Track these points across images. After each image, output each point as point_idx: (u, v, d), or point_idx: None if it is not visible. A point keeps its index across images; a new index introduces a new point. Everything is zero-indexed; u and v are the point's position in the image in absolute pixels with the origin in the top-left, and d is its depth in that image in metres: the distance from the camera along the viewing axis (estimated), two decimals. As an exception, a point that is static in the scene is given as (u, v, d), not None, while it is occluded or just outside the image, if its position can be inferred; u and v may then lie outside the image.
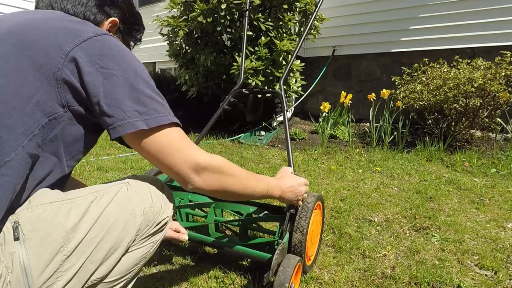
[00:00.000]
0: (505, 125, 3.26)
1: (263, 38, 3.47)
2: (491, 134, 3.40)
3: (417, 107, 3.27)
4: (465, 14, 3.77)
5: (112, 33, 0.89)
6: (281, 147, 3.43)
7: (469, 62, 3.17)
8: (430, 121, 3.36)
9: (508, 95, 2.90)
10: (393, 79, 3.70)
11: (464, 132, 3.29)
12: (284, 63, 3.46)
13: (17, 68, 0.65)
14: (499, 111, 3.13)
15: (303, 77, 3.94)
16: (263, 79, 3.41)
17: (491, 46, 3.66)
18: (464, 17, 3.78)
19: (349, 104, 3.67)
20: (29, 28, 0.69)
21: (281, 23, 3.55)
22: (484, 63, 3.07)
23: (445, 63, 3.35)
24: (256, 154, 3.12)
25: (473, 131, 3.38)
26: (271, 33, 3.50)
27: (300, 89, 3.92)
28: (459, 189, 2.22)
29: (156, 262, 1.32)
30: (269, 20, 3.45)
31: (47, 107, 0.66)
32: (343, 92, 3.66)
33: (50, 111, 0.67)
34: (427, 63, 3.46)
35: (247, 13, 1.93)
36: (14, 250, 0.60)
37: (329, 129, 3.70)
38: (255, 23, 3.38)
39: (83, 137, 0.74)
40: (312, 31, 3.93)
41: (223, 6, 3.27)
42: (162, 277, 1.23)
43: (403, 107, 3.38)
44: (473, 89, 2.85)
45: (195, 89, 3.92)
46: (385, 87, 3.56)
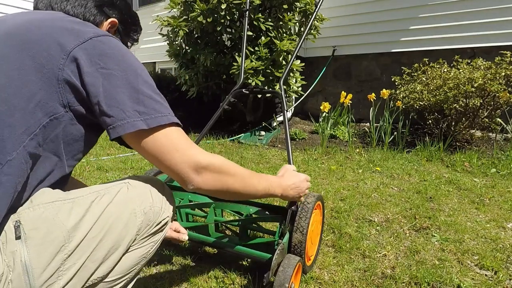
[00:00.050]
0: (505, 125, 3.25)
1: (263, 38, 3.47)
2: (491, 134, 3.40)
3: (417, 107, 3.27)
4: (465, 14, 3.77)
5: (111, 34, 0.89)
6: (281, 147, 3.43)
7: (469, 62, 3.17)
8: (430, 121, 3.36)
9: (508, 95, 2.90)
10: (393, 79, 3.70)
11: (464, 132, 3.29)
12: (284, 63, 3.46)
13: (19, 68, 0.65)
14: (499, 111, 3.13)
15: (303, 77, 3.94)
16: (263, 79, 3.41)
17: (491, 46, 3.66)
18: (464, 17, 3.78)
19: (349, 104, 3.67)
20: (31, 28, 0.70)
21: (281, 23, 3.55)
22: (484, 63, 3.07)
23: (445, 63, 3.35)
24: (256, 154, 3.12)
25: (473, 131, 3.38)
26: (271, 33, 3.50)
27: (300, 89, 3.92)
28: (459, 189, 2.23)
29: (156, 262, 1.32)
30: (269, 20, 3.45)
31: (48, 106, 0.66)
32: (343, 92, 3.66)
33: (51, 111, 0.67)
34: (427, 63, 3.46)
35: (247, 13, 1.93)
36: (15, 249, 0.60)
37: (329, 129, 3.70)
38: (255, 23, 3.38)
39: (83, 137, 0.74)
40: (312, 31, 3.93)
41: (223, 6, 3.27)
42: (162, 277, 1.23)
43: (403, 107, 3.38)
44: (473, 89, 2.86)
45: (195, 89, 3.92)
46: (385, 87, 3.56)
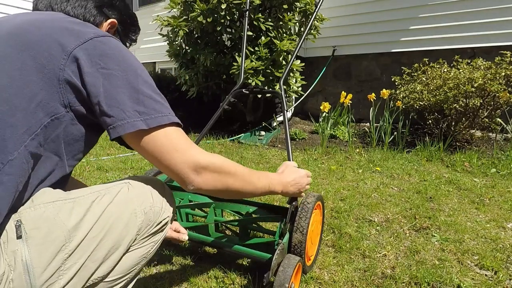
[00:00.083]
0: (505, 125, 3.26)
1: (263, 38, 3.47)
2: (491, 134, 3.40)
3: (417, 107, 3.27)
4: (465, 14, 3.77)
5: (110, 34, 0.90)
6: (281, 147, 3.43)
7: (469, 62, 3.17)
8: (430, 121, 3.36)
9: (508, 95, 2.90)
10: (393, 79, 3.70)
11: (464, 132, 3.29)
12: (284, 63, 3.46)
13: (20, 68, 0.65)
14: (499, 111, 3.13)
15: (303, 77, 3.94)
16: (263, 79, 3.41)
17: (491, 46, 3.66)
18: (464, 17, 3.78)
19: (349, 104, 3.67)
20: (31, 29, 0.70)
21: (281, 23, 3.55)
22: (484, 63, 3.07)
23: (445, 63, 3.35)
24: (256, 154, 3.12)
25: (473, 131, 3.38)
26: (271, 33, 3.50)
27: (300, 89, 3.92)
28: (459, 189, 2.23)
29: (156, 262, 1.32)
30: (269, 20, 3.45)
31: (49, 107, 0.67)
32: (343, 92, 3.66)
33: (52, 111, 0.67)
34: (427, 63, 3.46)
35: (247, 13, 1.93)
36: (16, 248, 0.60)
37: (329, 129, 3.70)
38: (255, 23, 3.38)
39: (84, 137, 0.74)
40: (312, 31, 3.93)
41: (223, 6, 3.27)
42: (162, 277, 1.23)
43: (403, 107, 3.38)
44: (473, 89, 2.86)
45: (195, 89, 3.92)
46: (385, 87, 3.56)
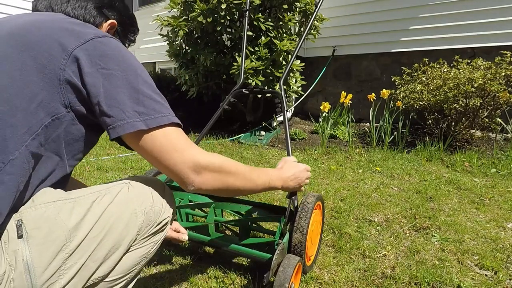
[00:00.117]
0: (505, 125, 3.26)
1: (263, 38, 3.47)
2: (491, 134, 3.40)
3: (417, 107, 3.27)
4: (465, 14, 3.77)
5: (110, 35, 0.90)
6: (281, 147, 3.43)
7: (469, 62, 3.17)
8: (430, 121, 3.36)
9: (508, 95, 2.90)
10: (393, 79, 3.70)
11: (464, 132, 3.29)
12: (284, 63, 3.46)
13: (21, 68, 0.66)
14: (499, 111, 3.13)
15: (303, 77, 3.94)
16: (263, 79, 3.41)
17: (491, 46, 3.66)
18: (464, 17, 3.78)
19: (349, 104, 3.67)
20: (31, 29, 0.70)
21: (281, 23, 3.55)
22: (484, 63, 3.07)
23: (445, 63, 3.35)
24: (256, 154, 3.12)
25: (473, 131, 3.38)
26: (271, 33, 3.50)
27: (300, 89, 3.92)
28: (459, 189, 2.23)
29: (156, 262, 1.32)
30: (269, 20, 3.45)
31: (50, 107, 0.67)
32: (343, 92, 3.66)
33: (53, 111, 0.67)
34: (427, 63, 3.46)
35: (247, 13, 1.93)
36: (17, 247, 0.60)
37: (329, 129, 3.70)
38: (255, 23, 3.38)
39: (85, 137, 0.74)
40: (312, 31, 3.93)
41: (223, 6, 3.27)
42: (162, 277, 1.23)
43: (403, 107, 3.38)
44: (473, 89, 2.86)
45: (195, 89, 3.92)
46: (385, 87, 3.56)
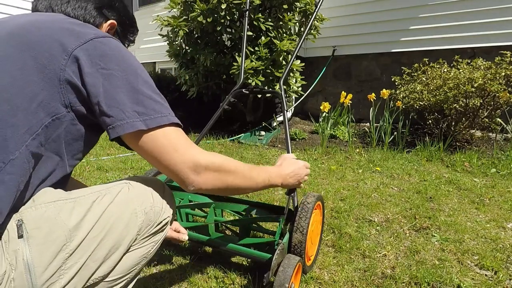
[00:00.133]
0: (505, 125, 3.26)
1: (263, 38, 3.47)
2: (491, 134, 3.40)
3: (417, 107, 3.27)
4: (465, 14, 3.77)
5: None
6: (281, 147, 3.43)
7: (469, 62, 3.17)
8: (430, 121, 3.36)
9: (508, 95, 2.90)
10: (393, 79, 3.70)
11: (464, 132, 3.29)
12: (284, 63, 3.46)
13: (22, 68, 0.66)
14: (499, 111, 3.13)
15: (303, 77, 3.94)
16: (263, 79, 3.41)
17: (491, 46, 3.66)
18: (464, 17, 3.78)
19: (349, 104, 3.67)
20: (31, 29, 0.70)
21: (281, 23, 3.55)
22: (484, 63, 3.07)
23: (445, 63, 3.35)
24: (256, 154, 3.12)
25: (473, 131, 3.38)
26: (271, 33, 3.50)
27: (300, 89, 3.92)
28: (459, 189, 2.23)
29: (156, 262, 1.32)
30: (269, 20, 3.45)
31: (50, 107, 0.67)
32: (343, 92, 3.66)
33: (53, 111, 0.67)
34: (427, 63, 3.46)
35: (247, 13, 1.93)
36: (18, 247, 0.60)
37: (329, 129, 3.70)
38: (255, 23, 3.38)
39: (85, 137, 0.74)
40: (312, 31, 3.93)
41: (223, 6, 3.28)
42: (162, 277, 1.23)
43: (403, 107, 3.38)
44: (473, 89, 2.86)
45: (195, 89, 3.92)
46: (385, 87, 3.56)
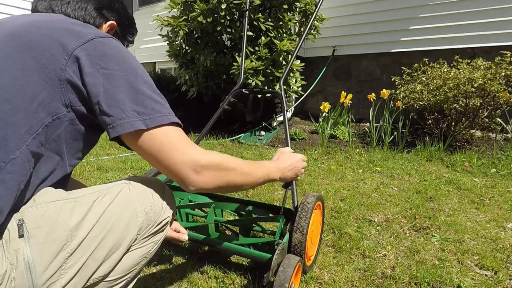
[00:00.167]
0: (505, 125, 3.25)
1: (263, 38, 3.47)
2: (491, 134, 3.40)
3: (417, 107, 3.27)
4: (465, 14, 3.77)
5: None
6: (281, 147, 3.43)
7: (469, 62, 3.17)
8: (430, 121, 3.36)
9: (508, 95, 2.90)
10: (393, 79, 3.70)
11: (464, 132, 3.29)
12: (284, 63, 3.46)
13: (22, 68, 0.66)
14: (499, 111, 3.13)
15: (303, 77, 3.93)
16: (263, 79, 3.41)
17: (491, 46, 3.66)
18: (464, 17, 3.78)
19: (349, 104, 3.66)
20: (31, 29, 0.70)
21: (281, 23, 3.55)
22: (484, 63, 3.07)
23: (445, 63, 3.34)
24: (256, 154, 3.12)
25: (473, 131, 3.38)
26: (271, 33, 3.49)
27: (300, 89, 3.92)
28: (459, 189, 2.23)
29: (156, 262, 1.32)
30: (269, 20, 3.44)
31: (50, 106, 0.67)
32: (343, 92, 3.66)
33: (53, 110, 0.67)
34: (427, 63, 3.45)
35: (247, 13, 1.93)
36: (18, 247, 0.60)
37: (329, 129, 3.70)
38: (255, 23, 3.38)
39: (85, 137, 0.74)
40: (312, 31, 3.93)
41: (223, 6, 3.27)
42: (162, 277, 1.23)
43: (403, 107, 3.38)
44: (473, 89, 2.86)
45: (195, 89, 3.92)
46: (385, 87, 3.56)
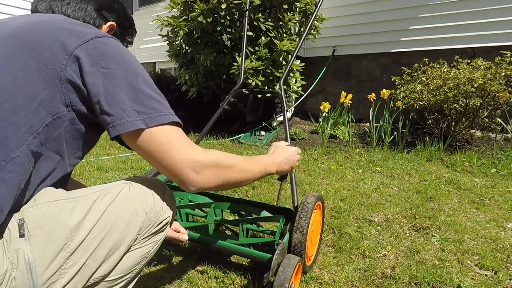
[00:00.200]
0: (505, 125, 3.25)
1: (263, 38, 3.47)
2: (491, 134, 3.40)
3: (417, 107, 3.27)
4: (465, 14, 3.77)
5: None
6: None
7: (469, 62, 3.17)
8: (430, 121, 3.36)
9: (508, 95, 2.90)
10: (393, 79, 3.70)
11: (464, 132, 3.29)
12: (284, 63, 3.46)
13: (23, 67, 0.66)
14: (499, 111, 3.13)
15: (303, 77, 3.94)
16: (263, 79, 3.41)
17: (491, 46, 3.66)
18: (464, 17, 3.78)
19: (349, 104, 3.66)
20: (31, 29, 0.70)
21: (281, 23, 3.55)
22: (484, 63, 3.07)
23: (445, 63, 3.34)
24: (256, 154, 3.12)
25: (473, 131, 3.38)
26: (271, 33, 3.49)
27: (300, 89, 3.92)
28: (459, 189, 2.23)
29: (156, 262, 1.32)
30: (269, 20, 3.44)
31: (51, 106, 0.67)
32: (343, 92, 3.65)
33: (54, 110, 0.68)
34: (427, 63, 3.45)
35: (247, 13, 1.93)
36: (19, 246, 0.60)
37: (329, 129, 3.70)
38: (255, 23, 3.38)
39: (85, 136, 0.74)
40: (312, 31, 3.93)
41: (223, 6, 3.27)
42: (162, 277, 1.23)
43: (403, 107, 3.38)
44: (473, 89, 2.86)
45: (195, 89, 3.92)
46: (385, 87, 3.56)
